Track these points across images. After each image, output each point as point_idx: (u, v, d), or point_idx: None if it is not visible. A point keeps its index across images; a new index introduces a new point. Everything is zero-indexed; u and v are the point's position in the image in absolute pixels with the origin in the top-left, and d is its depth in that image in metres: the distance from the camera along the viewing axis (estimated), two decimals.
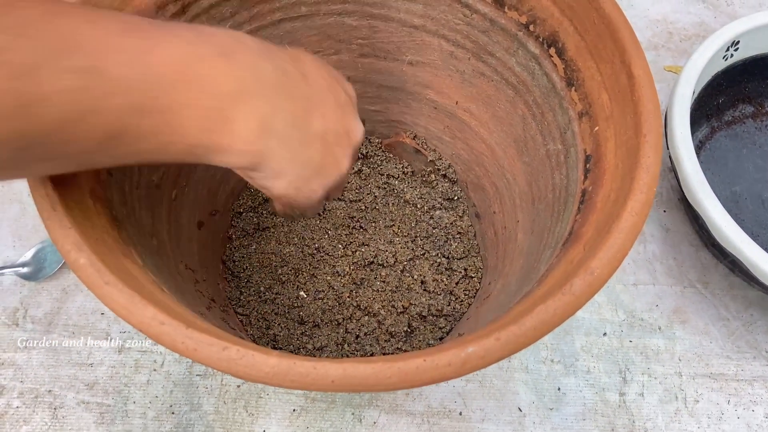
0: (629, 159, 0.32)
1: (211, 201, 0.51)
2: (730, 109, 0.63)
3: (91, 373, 0.50)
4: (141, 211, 0.38)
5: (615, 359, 0.53)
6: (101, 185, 0.33)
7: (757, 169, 0.61)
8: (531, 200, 0.44)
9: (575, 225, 0.34)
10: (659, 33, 0.72)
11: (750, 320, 0.54)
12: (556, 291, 0.28)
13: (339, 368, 0.26)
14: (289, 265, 0.52)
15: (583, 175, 0.36)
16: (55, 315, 0.52)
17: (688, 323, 0.54)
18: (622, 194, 0.31)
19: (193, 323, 0.27)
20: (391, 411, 0.50)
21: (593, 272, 0.28)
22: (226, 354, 0.26)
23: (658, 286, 0.56)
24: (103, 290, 0.27)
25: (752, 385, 0.51)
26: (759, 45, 0.58)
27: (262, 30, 0.45)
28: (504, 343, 0.27)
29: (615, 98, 0.35)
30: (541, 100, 0.42)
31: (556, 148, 0.41)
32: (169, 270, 0.39)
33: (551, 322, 0.28)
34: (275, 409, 0.49)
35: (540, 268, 0.36)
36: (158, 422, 0.48)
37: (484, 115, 0.49)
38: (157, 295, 0.29)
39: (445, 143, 0.55)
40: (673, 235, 0.59)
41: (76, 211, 0.29)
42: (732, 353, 0.53)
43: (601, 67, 0.36)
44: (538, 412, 0.50)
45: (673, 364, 0.52)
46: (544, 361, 0.52)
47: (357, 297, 0.51)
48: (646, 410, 0.50)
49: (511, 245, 0.46)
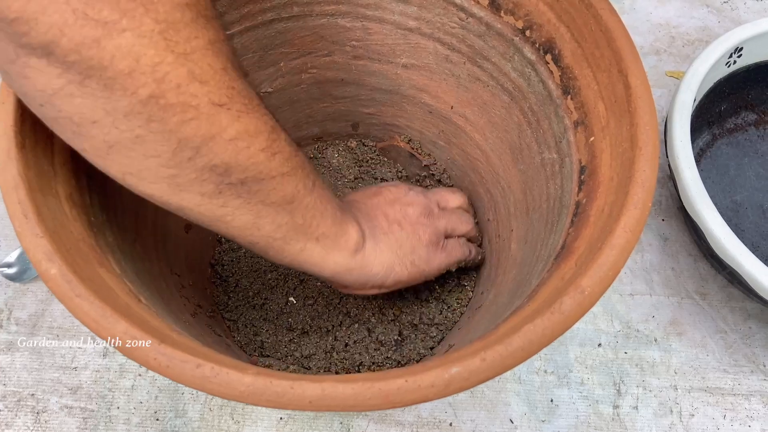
0: (624, 172, 0.31)
1: None
2: (732, 116, 0.61)
3: (75, 377, 0.49)
4: (124, 216, 0.37)
5: (609, 371, 0.51)
6: (79, 190, 0.32)
7: (758, 178, 0.60)
8: (525, 209, 0.43)
9: (568, 238, 0.33)
10: (661, 37, 0.70)
11: (748, 333, 0.53)
12: (545, 309, 0.27)
13: (317, 388, 0.25)
14: (279, 270, 0.51)
15: (577, 187, 0.35)
16: (39, 317, 0.51)
17: (684, 335, 0.53)
18: (616, 209, 0.30)
19: (168, 337, 0.26)
20: (380, 421, 0.49)
21: (584, 291, 0.27)
22: (200, 371, 0.25)
23: (654, 296, 0.55)
24: (73, 303, 0.26)
25: (749, 400, 0.50)
26: (763, 52, 0.57)
27: (252, 30, 0.44)
28: (489, 364, 0.26)
29: (611, 108, 0.34)
30: (537, 108, 0.41)
31: (551, 157, 0.40)
32: (152, 276, 0.38)
33: (539, 342, 0.27)
34: (262, 417, 0.48)
35: (532, 281, 0.35)
36: (142, 428, 0.47)
37: (480, 121, 0.48)
38: (132, 308, 0.28)
39: (440, 148, 0.54)
40: (671, 244, 0.58)
41: (49, 219, 0.28)
42: (729, 367, 0.52)
43: (597, 75, 0.35)
44: (530, 424, 0.49)
45: (669, 376, 0.51)
46: (537, 372, 0.51)
47: (347, 304, 0.50)
48: (640, 424, 0.49)
49: (504, 254, 0.45)
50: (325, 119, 0.55)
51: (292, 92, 0.51)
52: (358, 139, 0.58)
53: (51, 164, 0.30)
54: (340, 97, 0.53)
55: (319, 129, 0.56)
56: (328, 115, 0.55)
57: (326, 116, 0.55)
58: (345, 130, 0.57)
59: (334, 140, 0.58)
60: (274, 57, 0.48)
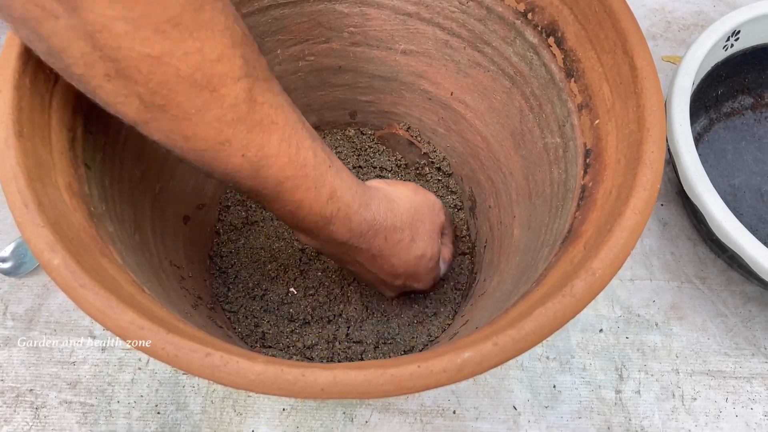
0: (631, 154, 0.31)
1: (197, 194, 0.49)
2: (730, 100, 0.61)
3: (73, 372, 0.48)
4: (123, 207, 0.37)
5: (611, 356, 0.52)
6: (78, 180, 0.31)
7: (756, 162, 0.60)
8: (528, 195, 0.43)
9: (574, 222, 0.33)
10: (657, 22, 0.70)
11: (748, 316, 0.53)
12: (555, 293, 0.27)
13: (329, 375, 0.25)
14: (279, 261, 0.51)
15: (582, 170, 0.35)
16: (36, 312, 0.51)
17: (685, 319, 0.53)
18: (624, 191, 0.30)
19: (175, 327, 0.26)
20: (384, 410, 0.48)
21: (595, 273, 0.27)
22: (209, 360, 0.24)
23: (655, 281, 0.55)
24: (78, 293, 0.25)
25: (750, 383, 0.51)
26: (760, 35, 0.57)
27: (248, 17, 0.44)
28: (502, 349, 0.26)
29: (617, 90, 0.33)
30: (539, 92, 0.40)
31: (554, 142, 0.39)
32: (152, 268, 0.37)
33: (551, 326, 0.26)
34: (264, 409, 0.48)
35: (538, 266, 0.35)
36: (143, 422, 0.47)
37: (480, 107, 0.48)
38: (137, 297, 0.28)
39: (439, 135, 0.54)
40: (670, 229, 0.58)
41: (50, 209, 0.28)
42: (730, 350, 0.52)
43: (602, 57, 0.34)
44: (533, 411, 0.49)
45: (670, 361, 0.51)
46: (540, 359, 0.51)
47: (348, 293, 0.50)
48: (642, 408, 0.49)
49: (507, 241, 0.45)
50: (323, 108, 0.55)
51: (290, 80, 0.51)
52: (356, 128, 0.58)
53: (49, 153, 0.30)
54: (337, 85, 0.53)
55: (316, 118, 0.56)
56: (326, 103, 0.54)
57: (324, 105, 0.54)
58: (343, 119, 0.57)
59: (332, 129, 0.58)
60: (271, 44, 0.47)
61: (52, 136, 0.31)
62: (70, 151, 0.31)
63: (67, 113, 0.32)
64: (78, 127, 0.32)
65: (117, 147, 0.37)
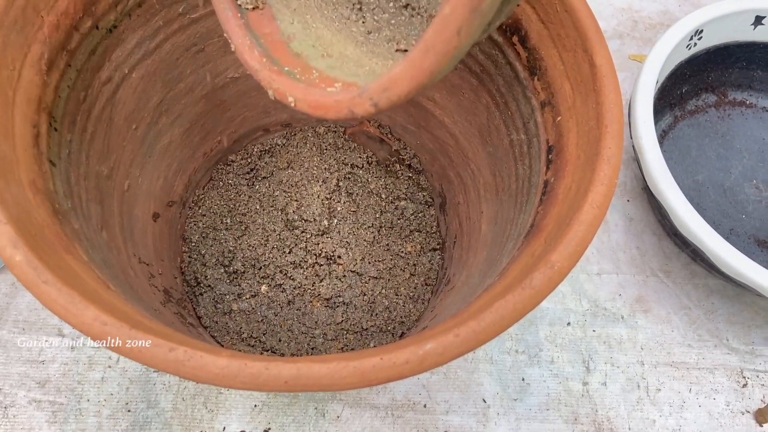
0: (591, 150, 0.32)
1: (167, 192, 0.49)
2: (693, 98, 0.63)
3: (42, 371, 0.48)
4: (89, 204, 0.37)
5: (579, 349, 0.53)
6: (42, 177, 0.31)
7: (719, 158, 0.61)
8: (495, 191, 0.44)
9: (537, 217, 0.33)
10: (624, 21, 0.71)
11: (711, 309, 0.55)
12: (516, 285, 0.28)
13: (293, 368, 0.25)
14: (250, 258, 0.51)
15: (545, 166, 0.36)
16: (4, 310, 0.50)
17: (650, 312, 0.55)
18: (583, 186, 0.30)
19: (139, 323, 0.26)
20: (355, 405, 0.49)
21: (554, 266, 0.28)
22: (173, 355, 0.25)
23: (621, 275, 0.56)
24: (40, 289, 0.25)
25: (713, 374, 0.52)
26: (722, 34, 0.58)
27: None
28: (463, 340, 0.26)
29: (577, 88, 0.34)
30: (505, 89, 0.41)
31: (519, 138, 0.40)
32: (120, 265, 0.37)
33: (511, 317, 0.27)
34: (236, 405, 0.48)
35: (502, 260, 0.35)
36: (113, 420, 0.47)
37: (449, 104, 0.48)
38: (102, 294, 0.28)
39: (409, 132, 0.54)
40: (636, 224, 0.59)
41: (12, 205, 0.27)
42: (693, 342, 0.53)
43: (563, 55, 0.35)
44: (503, 403, 0.50)
45: (636, 353, 0.53)
46: (509, 352, 0.52)
47: (320, 289, 0.50)
48: (608, 399, 0.51)
49: (474, 236, 0.46)
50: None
51: None
52: (327, 125, 0.58)
53: (12, 149, 0.30)
54: None
55: (287, 115, 0.56)
56: None
57: None
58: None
59: (302, 126, 0.58)
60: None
61: (16, 132, 0.30)
62: (34, 147, 0.31)
63: (30, 109, 0.31)
64: (42, 124, 0.32)
65: (83, 144, 0.37)
